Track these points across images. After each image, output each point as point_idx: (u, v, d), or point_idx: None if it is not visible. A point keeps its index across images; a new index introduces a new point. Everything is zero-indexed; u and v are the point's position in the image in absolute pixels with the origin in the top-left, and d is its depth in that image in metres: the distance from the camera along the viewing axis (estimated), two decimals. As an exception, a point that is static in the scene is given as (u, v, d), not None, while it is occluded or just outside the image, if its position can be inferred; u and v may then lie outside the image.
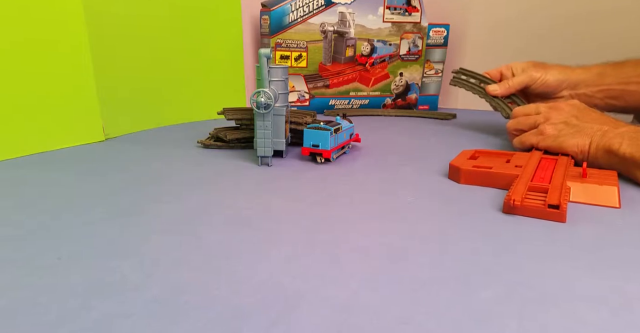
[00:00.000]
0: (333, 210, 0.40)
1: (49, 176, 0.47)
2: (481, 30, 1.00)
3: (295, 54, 0.87)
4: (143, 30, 0.67)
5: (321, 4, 0.85)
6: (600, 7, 0.89)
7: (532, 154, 0.52)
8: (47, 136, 0.57)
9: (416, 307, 0.25)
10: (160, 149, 0.60)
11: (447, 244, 0.33)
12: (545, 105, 0.58)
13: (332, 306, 0.25)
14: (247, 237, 0.34)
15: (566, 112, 0.55)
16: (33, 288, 0.27)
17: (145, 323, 0.23)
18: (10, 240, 0.33)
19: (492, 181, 0.46)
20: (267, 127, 0.51)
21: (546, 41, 0.95)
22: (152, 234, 0.34)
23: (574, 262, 0.31)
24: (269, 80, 0.52)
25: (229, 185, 0.46)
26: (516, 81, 0.68)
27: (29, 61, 0.54)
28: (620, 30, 0.88)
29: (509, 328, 0.24)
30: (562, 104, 0.56)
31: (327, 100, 0.92)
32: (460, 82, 0.74)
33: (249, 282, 0.28)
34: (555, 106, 0.56)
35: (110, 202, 0.40)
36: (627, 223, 0.38)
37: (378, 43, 0.91)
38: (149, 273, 0.28)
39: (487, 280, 0.28)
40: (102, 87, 0.61)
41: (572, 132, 0.52)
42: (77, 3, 0.56)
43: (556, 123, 0.54)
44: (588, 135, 0.50)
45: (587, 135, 0.50)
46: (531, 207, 0.39)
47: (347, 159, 0.57)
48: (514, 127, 0.59)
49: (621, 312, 0.25)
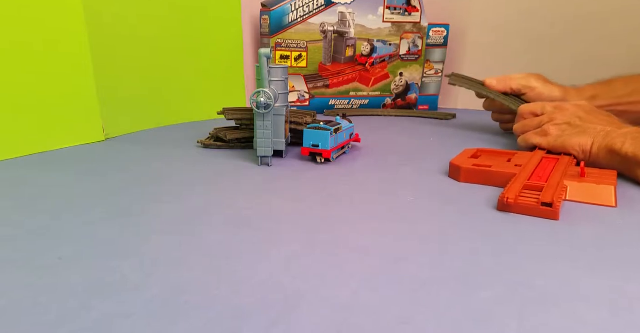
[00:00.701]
0: (333, 210, 0.40)
1: (49, 176, 0.47)
2: (481, 30, 1.00)
3: (295, 54, 0.87)
4: (143, 31, 0.67)
5: (321, 4, 0.85)
6: (601, 8, 0.89)
7: (534, 153, 0.52)
8: (47, 136, 0.57)
9: (416, 307, 0.25)
10: (160, 149, 0.60)
11: (447, 244, 0.33)
12: (551, 105, 0.58)
13: (332, 306, 0.25)
14: (247, 237, 0.34)
15: (571, 113, 0.55)
16: (33, 288, 0.27)
17: (145, 323, 0.23)
18: (10, 240, 0.33)
19: (492, 180, 0.46)
20: (267, 127, 0.51)
21: (546, 41, 0.95)
22: (152, 234, 0.34)
23: (574, 262, 0.31)
24: (269, 80, 0.52)
25: (229, 185, 0.46)
26: (515, 81, 0.68)
27: (29, 61, 0.54)
28: (620, 31, 0.88)
29: (509, 328, 0.24)
30: (568, 104, 0.57)
31: (327, 100, 0.92)
32: (459, 79, 0.74)
33: (249, 282, 0.28)
34: (561, 107, 0.57)
35: (110, 202, 0.40)
36: (627, 223, 0.38)
37: (378, 43, 0.91)
38: (149, 273, 0.28)
39: (487, 280, 0.28)
40: (102, 87, 0.61)
41: (575, 132, 0.52)
42: (77, 3, 0.56)
43: (560, 124, 0.54)
44: (591, 135, 0.50)
45: (590, 136, 0.50)
46: (525, 204, 0.39)
47: (347, 159, 0.57)
48: (521, 130, 0.59)
49: (621, 312, 0.25)
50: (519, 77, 0.69)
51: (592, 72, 0.92)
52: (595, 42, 0.90)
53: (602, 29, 0.89)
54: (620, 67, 0.68)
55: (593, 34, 0.90)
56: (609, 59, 0.90)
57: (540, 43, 0.95)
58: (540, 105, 0.59)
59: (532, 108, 0.60)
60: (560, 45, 0.94)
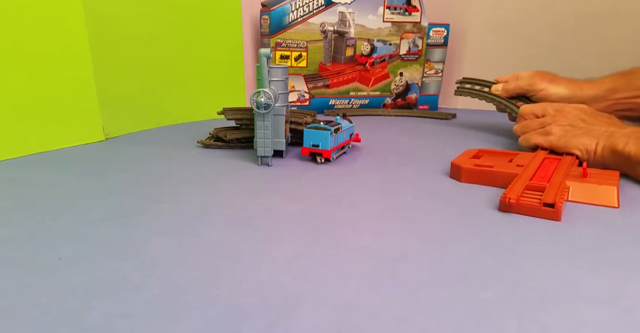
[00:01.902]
0: (333, 210, 0.40)
1: (49, 176, 0.47)
2: (481, 30, 1.00)
3: (295, 53, 0.87)
4: (143, 30, 0.67)
5: (321, 4, 0.85)
6: (601, 8, 0.89)
7: (536, 153, 0.52)
8: (47, 136, 0.57)
9: (416, 307, 0.25)
10: (160, 149, 0.60)
11: (447, 244, 0.33)
12: (553, 107, 0.57)
13: (332, 306, 0.25)
14: (247, 237, 0.34)
15: (573, 115, 0.54)
16: (33, 288, 0.27)
17: (145, 323, 0.23)
18: (10, 240, 0.33)
19: (493, 180, 0.46)
20: (267, 127, 0.51)
21: (546, 41, 0.95)
22: (152, 234, 0.34)
23: (574, 262, 0.31)
24: (269, 80, 0.52)
25: (229, 185, 0.46)
26: (516, 85, 0.68)
27: (29, 61, 0.54)
28: (621, 31, 0.88)
29: (509, 328, 0.24)
30: (570, 107, 0.56)
31: (327, 100, 0.92)
32: (465, 90, 0.74)
33: (249, 282, 0.28)
34: (562, 109, 0.56)
35: (110, 202, 0.40)
36: (627, 223, 0.38)
37: (378, 43, 0.91)
38: (149, 273, 0.28)
39: (487, 280, 0.28)
40: (102, 87, 0.61)
41: (579, 133, 0.52)
42: (77, 3, 0.56)
43: (563, 125, 0.54)
44: (595, 136, 0.50)
45: (594, 136, 0.50)
46: (527, 205, 0.39)
47: (347, 158, 0.57)
48: (521, 130, 0.59)
49: (621, 312, 0.25)
50: (526, 76, 0.68)
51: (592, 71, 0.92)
52: (596, 41, 0.90)
53: (602, 28, 0.89)
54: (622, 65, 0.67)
55: (593, 34, 0.90)
56: (609, 58, 0.89)
57: (540, 43, 0.95)
58: (541, 106, 0.59)
59: (533, 109, 0.59)
60: (560, 44, 0.94)
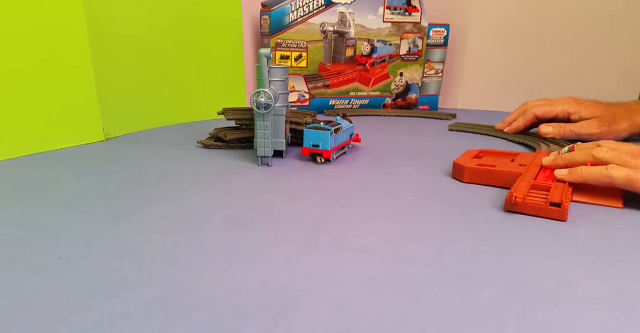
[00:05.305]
0: (333, 210, 0.40)
1: (49, 176, 0.47)
2: (481, 30, 1.00)
3: (295, 54, 0.87)
4: (143, 31, 0.67)
5: (321, 4, 0.85)
6: (601, 7, 0.89)
7: (537, 153, 0.52)
8: (47, 136, 0.57)
9: (416, 307, 0.25)
10: (160, 148, 0.60)
11: (447, 244, 0.33)
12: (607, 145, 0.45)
13: (332, 306, 0.25)
14: (247, 237, 0.34)
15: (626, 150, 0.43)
16: (33, 288, 0.27)
17: (145, 323, 0.23)
18: (10, 240, 0.33)
19: (496, 179, 0.46)
20: (267, 127, 0.51)
21: (546, 41, 0.95)
22: (152, 234, 0.34)
23: (574, 262, 0.31)
24: (269, 80, 0.52)
25: (229, 185, 0.46)
26: (574, 130, 0.63)
27: (29, 61, 0.54)
28: (622, 30, 0.88)
29: (509, 328, 0.24)
30: (618, 144, 0.45)
31: (327, 100, 0.92)
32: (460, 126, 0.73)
33: (249, 282, 0.28)
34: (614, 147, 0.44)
35: (110, 202, 0.40)
36: (628, 223, 0.38)
37: (378, 43, 0.91)
38: (149, 273, 0.28)
39: (487, 280, 0.28)
40: (102, 87, 0.61)
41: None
42: (77, 3, 0.56)
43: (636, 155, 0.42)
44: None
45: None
46: (533, 204, 0.38)
47: (347, 159, 0.57)
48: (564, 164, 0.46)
49: (621, 312, 0.25)
50: (557, 111, 0.64)
51: (593, 71, 0.92)
52: (596, 41, 0.90)
53: (603, 28, 0.89)
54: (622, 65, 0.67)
55: (594, 33, 0.90)
56: (610, 58, 0.90)
57: (540, 43, 0.95)
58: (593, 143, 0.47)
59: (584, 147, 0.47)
60: (560, 44, 0.94)
